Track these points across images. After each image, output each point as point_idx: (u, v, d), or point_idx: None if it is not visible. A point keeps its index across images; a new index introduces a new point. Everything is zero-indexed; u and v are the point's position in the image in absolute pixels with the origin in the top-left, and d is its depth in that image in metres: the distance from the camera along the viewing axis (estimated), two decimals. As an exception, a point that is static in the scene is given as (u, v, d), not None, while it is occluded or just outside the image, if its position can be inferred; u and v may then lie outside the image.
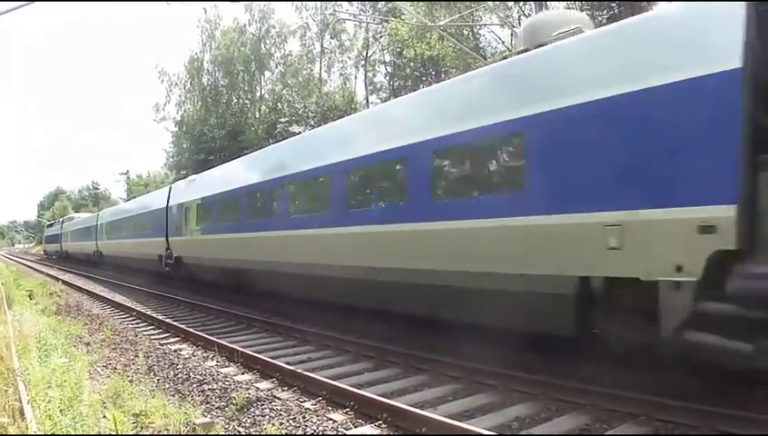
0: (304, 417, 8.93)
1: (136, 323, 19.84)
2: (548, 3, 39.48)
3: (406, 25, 42.46)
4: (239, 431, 8.64)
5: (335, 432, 8.34)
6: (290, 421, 8.79)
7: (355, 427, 8.56)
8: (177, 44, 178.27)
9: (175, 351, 14.53)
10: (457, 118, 12.23)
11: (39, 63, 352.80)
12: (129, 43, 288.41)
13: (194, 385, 11.10)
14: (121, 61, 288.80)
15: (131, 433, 7.67)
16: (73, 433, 7.22)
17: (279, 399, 9.93)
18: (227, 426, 8.84)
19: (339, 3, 64.10)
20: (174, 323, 18.36)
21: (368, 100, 62.88)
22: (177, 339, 16.48)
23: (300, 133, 47.63)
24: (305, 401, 9.84)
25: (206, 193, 26.27)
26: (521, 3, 40.88)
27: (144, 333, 17.41)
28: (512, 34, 44.96)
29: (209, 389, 10.74)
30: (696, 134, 8.06)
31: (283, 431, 8.36)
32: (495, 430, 8.01)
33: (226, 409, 9.62)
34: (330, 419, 8.86)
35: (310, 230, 16.94)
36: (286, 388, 10.78)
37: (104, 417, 8.18)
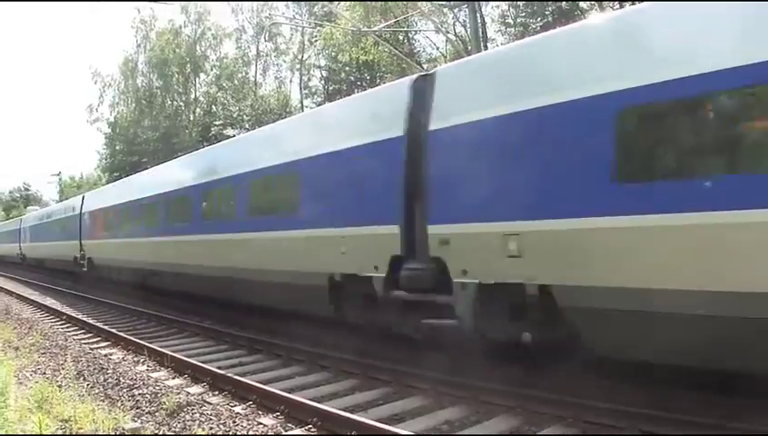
0: (234, 421, 8.94)
1: (66, 327, 19.56)
2: (482, 8, 39.91)
3: (341, 30, 42.51)
4: (168, 436, 8.65)
5: (265, 437, 8.39)
6: (220, 426, 8.78)
7: (285, 431, 8.61)
8: (111, 44, 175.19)
9: (105, 355, 14.40)
10: None
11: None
12: (61, 43, 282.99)
13: (124, 390, 11.02)
14: (52, 60, 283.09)
15: (57, 433, 7.63)
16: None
17: (209, 403, 9.94)
18: (157, 431, 8.82)
19: (275, 6, 64.24)
20: (105, 327, 18.08)
21: (302, 104, 62.84)
22: (107, 343, 16.28)
23: (233, 136, 47.26)
24: (235, 406, 9.86)
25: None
26: (456, 9, 41.19)
27: (74, 338, 17.21)
28: (446, 40, 45.45)
29: (139, 393, 10.67)
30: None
31: (213, 436, 8.39)
32: (424, 433, 8.14)
33: (156, 414, 9.58)
34: (261, 423, 8.90)
35: None
36: (217, 392, 10.74)
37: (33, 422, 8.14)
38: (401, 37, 46.24)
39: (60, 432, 7.98)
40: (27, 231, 52.09)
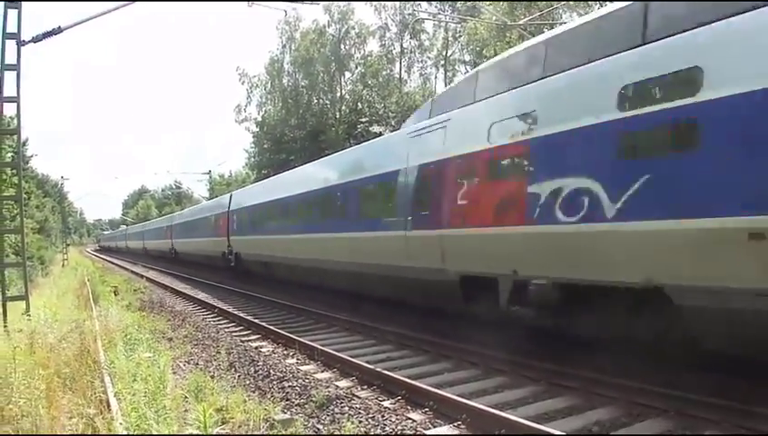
0: (383, 415, 8.96)
1: (218, 320, 20.20)
2: None
3: (485, 25, 42.10)
4: (318, 429, 8.70)
5: (413, 432, 8.33)
6: (369, 420, 8.82)
7: (434, 427, 8.55)
8: (257, 46, 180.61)
9: (256, 348, 14.72)
10: None
11: (124, 67, 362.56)
12: (210, 45, 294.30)
13: (274, 382, 11.23)
14: (203, 64, 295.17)
15: (217, 433, 7.77)
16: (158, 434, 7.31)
17: (358, 397, 9.97)
18: (306, 423, 8.91)
19: (418, 3, 64.23)
20: (255, 321, 18.50)
21: (448, 100, 62.64)
22: (258, 336, 16.64)
23: (380, 133, 47.48)
24: (384, 400, 9.86)
25: None
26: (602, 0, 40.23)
27: (226, 330, 17.72)
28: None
29: (289, 386, 10.86)
30: None
31: (362, 430, 8.40)
32: (575, 433, 7.93)
33: (306, 406, 9.70)
34: (409, 418, 8.87)
35: None
36: (365, 387, 10.81)
37: (186, 411, 8.34)
38: (547, 30, 45.52)
39: (215, 423, 8.12)
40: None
